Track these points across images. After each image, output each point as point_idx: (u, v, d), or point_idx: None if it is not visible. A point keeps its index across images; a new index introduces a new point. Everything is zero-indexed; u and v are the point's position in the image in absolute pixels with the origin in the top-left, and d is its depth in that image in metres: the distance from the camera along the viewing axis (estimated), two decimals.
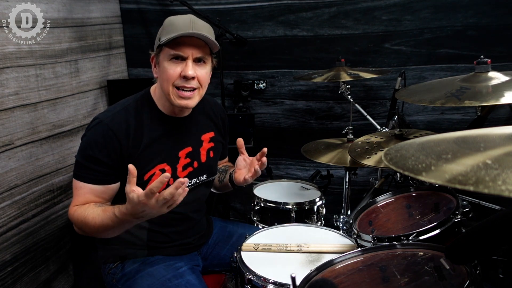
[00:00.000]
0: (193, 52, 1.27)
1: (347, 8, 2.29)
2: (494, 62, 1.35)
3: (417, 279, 1.02)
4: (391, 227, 1.42)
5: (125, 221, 1.17)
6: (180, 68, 1.27)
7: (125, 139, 1.29)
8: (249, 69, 2.57)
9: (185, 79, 1.27)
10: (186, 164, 1.43)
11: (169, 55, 1.27)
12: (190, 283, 1.36)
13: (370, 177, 2.15)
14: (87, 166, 1.28)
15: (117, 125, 1.29)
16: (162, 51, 1.30)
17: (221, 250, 1.62)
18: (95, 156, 1.27)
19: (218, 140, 1.59)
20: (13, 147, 1.90)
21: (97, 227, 1.22)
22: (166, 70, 1.28)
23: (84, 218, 1.24)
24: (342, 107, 2.46)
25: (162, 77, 1.31)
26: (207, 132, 1.54)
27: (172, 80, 1.28)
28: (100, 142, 1.27)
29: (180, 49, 1.26)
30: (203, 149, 1.51)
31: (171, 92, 1.29)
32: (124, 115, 1.32)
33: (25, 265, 1.99)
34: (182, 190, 1.06)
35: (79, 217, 1.26)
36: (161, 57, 1.30)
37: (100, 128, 1.28)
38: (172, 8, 2.57)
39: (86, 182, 1.29)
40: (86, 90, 2.40)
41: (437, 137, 0.84)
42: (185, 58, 1.27)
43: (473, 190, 0.54)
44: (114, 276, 1.43)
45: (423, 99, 1.31)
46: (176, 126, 1.42)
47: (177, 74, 1.27)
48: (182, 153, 1.43)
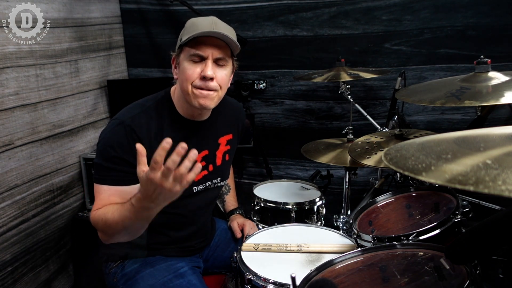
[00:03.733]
0: (213, 52, 1.25)
1: (347, 8, 2.29)
2: (494, 62, 1.34)
3: (417, 279, 1.02)
4: (391, 227, 1.42)
5: (143, 209, 1.07)
6: (200, 69, 1.25)
7: (146, 141, 1.25)
8: (249, 69, 2.57)
9: (204, 79, 1.25)
10: (202, 167, 1.42)
11: (189, 55, 1.26)
12: (191, 284, 1.36)
13: (370, 177, 2.15)
14: (111, 168, 1.24)
15: (139, 127, 1.26)
16: (182, 51, 1.28)
17: (223, 253, 1.62)
18: (119, 156, 1.23)
19: (235, 143, 1.58)
20: (13, 147, 1.90)
21: (117, 223, 1.15)
22: (185, 70, 1.26)
23: (104, 216, 1.18)
24: (342, 107, 2.46)
25: (181, 77, 1.29)
26: (225, 135, 1.52)
27: (191, 80, 1.26)
28: (124, 142, 1.24)
29: (200, 48, 1.24)
30: (220, 152, 1.49)
31: (190, 92, 1.27)
32: (145, 117, 1.29)
33: (25, 265, 1.99)
34: (189, 163, 0.97)
35: (100, 216, 1.20)
36: (181, 57, 1.29)
37: (122, 128, 1.25)
38: (172, 8, 2.57)
39: (111, 184, 1.25)
40: (86, 90, 2.40)
41: (437, 137, 0.84)
42: (205, 58, 1.25)
43: (473, 190, 0.54)
44: (115, 275, 1.43)
45: (423, 99, 1.31)
46: (194, 130, 1.39)
47: (196, 74, 1.25)
48: (199, 156, 1.41)
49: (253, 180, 2.70)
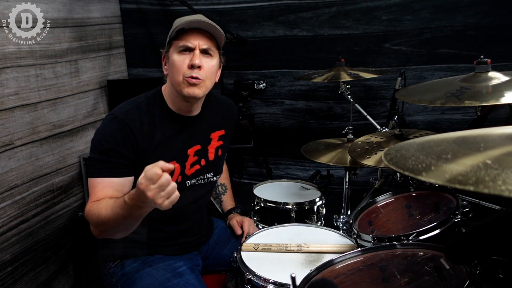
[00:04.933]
0: (200, 42, 1.31)
1: (347, 8, 2.29)
2: (494, 62, 1.34)
3: (417, 279, 1.02)
4: (391, 227, 1.42)
5: (134, 207, 1.10)
6: (188, 59, 1.31)
7: (139, 135, 1.30)
8: (249, 69, 2.57)
9: (192, 68, 1.30)
10: (194, 161, 1.44)
11: (178, 47, 1.31)
12: (189, 283, 1.36)
13: (370, 177, 2.15)
14: (105, 160, 1.27)
15: (132, 121, 1.30)
16: (171, 46, 1.34)
17: (222, 250, 1.62)
18: (113, 149, 1.27)
19: (228, 139, 1.60)
20: (13, 147, 1.90)
21: (109, 218, 1.16)
22: (175, 62, 1.31)
23: (98, 211, 1.20)
24: (342, 107, 2.46)
25: (171, 70, 1.34)
26: (217, 130, 1.54)
27: (181, 71, 1.31)
28: (118, 135, 1.28)
29: (187, 39, 1.30)
30: (212, 147, 1.52)
31: (180, 83, 1.31)
32: (138, 112, 1.33)
33: (25, 265, 1.99)
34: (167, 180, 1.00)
35: (93, 211, 1.22)
36: (170, 51, 1.34)
37: (116, 123, 1.29)
38: (172, 8, 2.57)
39: (105, 176, 1.27)
40: (86, 90, 2.40)
41: (437, 137, 0.83)
42: (192, 49, 1.31)
43: (473, 190, 0.54)
44: (114, 275, 1.43)
45: (423, 99, 1.31)
46: (186, 124, 1.43)
47: (186, 65, 1.30)
48: (191, 151, 1.44)
49: (253, 180, 2.70)
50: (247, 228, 1.62)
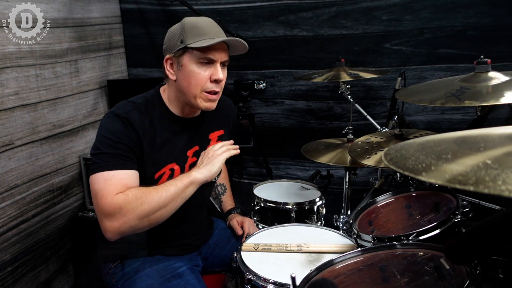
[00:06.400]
0: (221, 56, 1.31)
1: (347, 8, 2.29)
2: (494, 62, 1.34)
3: (417, 279, 1.02)
4: (391, 227, 1.42)
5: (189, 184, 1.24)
6: (209, 72, 1.29)
7: (142, 135, 1.29)
8: (249, 69, 2.57)
9: (216, 82, 1.30)
10: (193, 163, 1.44)
11: (199, 58, 1.28)
12: (189, 283, 1.36)
13: (370, 177, 2.15)
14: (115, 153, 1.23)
15: (133, 120, 1.28)
16: (187, 53, 1.29)
17: (222, 251, 1.62)
18: (123, 142, 1.24)
19: (226, 139, 1.59)
20: (13, 147, 1.90)
21: (159, 198, 1.19)
22: (195, 74, 1.28)
23: (144, 193, 1.19)
24: (342, 107, 2.46)
25: (188, 81, 1.30)
26: (216, 131, 1.54)
27: (202, 84, 1.29)
28: (123, 129, 1.25)
29: (211, 53, 1.28)
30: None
31: (198, 96, 1.30)
32: (138, 113, 1.31)
33: (25, 265, 1.99)
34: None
35: (135, 194, 1.18)
36: (186, 60, 1.29)
37: (119, 119, 1.26)
38: (172, 8, 2.57)
39: (120, 168, 1.22)
40: (86, 90, 2.40)
41: (437, 137, 0.83)
42: (214, 61, 1.30)
43: (473, 190, 0.54)
44: (114, 275, 1.43)
45: (423, 99, 1.31)
46: (186, 126, 1.43)
47: (206, 78, 1.29)
48: (190, 152, 1.44)
49: (253, 180, 2.70)
50: (247, 228, 1.62)
